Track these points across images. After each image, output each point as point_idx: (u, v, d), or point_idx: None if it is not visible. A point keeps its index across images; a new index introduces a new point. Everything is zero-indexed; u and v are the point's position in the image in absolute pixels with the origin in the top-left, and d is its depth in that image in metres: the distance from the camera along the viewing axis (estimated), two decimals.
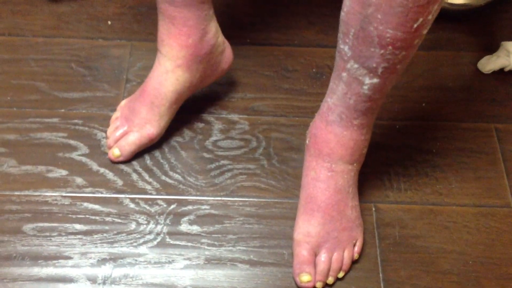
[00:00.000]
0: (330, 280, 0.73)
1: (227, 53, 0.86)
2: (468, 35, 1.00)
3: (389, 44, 0.59)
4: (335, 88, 0.68)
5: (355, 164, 0.74)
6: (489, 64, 0.93)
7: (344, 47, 0.63)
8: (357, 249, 0.75)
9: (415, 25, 0.57)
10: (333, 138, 0.71)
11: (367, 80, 0.64)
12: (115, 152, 0.82)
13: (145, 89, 0.81)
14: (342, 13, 0.62)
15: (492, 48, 0.97)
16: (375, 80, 0.64)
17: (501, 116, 0.89)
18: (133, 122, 0.81)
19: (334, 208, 0.73)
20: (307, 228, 0.72)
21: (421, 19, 0.57)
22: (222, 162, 0.84)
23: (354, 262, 0.75)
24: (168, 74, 0.80)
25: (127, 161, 0.82)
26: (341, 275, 0.74)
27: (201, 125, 0.87)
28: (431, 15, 0.57)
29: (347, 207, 0.74)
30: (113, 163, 0.83)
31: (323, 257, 0.72)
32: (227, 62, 0.87)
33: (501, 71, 0.94)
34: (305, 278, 0.72)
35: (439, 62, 0.96)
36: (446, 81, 0.93)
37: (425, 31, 0.59)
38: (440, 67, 0.95)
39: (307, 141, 0.75)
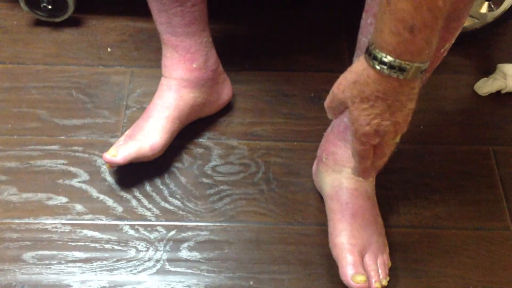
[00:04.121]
0: (385, 282, 0.71)
1: (228, 86, 0.89)
2: (464, 58, 1.00)
3: None
4: None
5: (374, 176, 0.76)
6: (486, 86, 0.94)
7: None
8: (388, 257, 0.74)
9: (442, 50, 0.60)
10: None
11: None
12: (111, 151, 0.78)
13: (148, 107, 0.83)
14: (365, 39, 0.63)
15: (488, 70, 0.98)
16: None
17: (499, 139, 0.90)
18: (135, 136, 0.80)
19: (371, 213, 0.74)
20: (351, 232, 0.71)
21: (447, 44, 0.60)
22: (221, 187, 0.84)
23: None
24: (172, 91, 0.82)
25: (123, 165, 0.78)
26: (388, 279, 0.72)
27: (200, 150, 0.87)
28: (454, 38, 0.60)
29: (377, 215, 0.75)
30: (110, 168, 0.80)
31: (371, 259, 0.71)
32: (228, 94, 0.89)
33: (498, 93, 0.95)
34: (361, 278, 0.68)
35: (437, 85, 0.96)
36: (444, 104, 0.94)
37: (446, 53, 0.62)
38: (438, 90, 0.96)
39: (323, 159, 0.77)
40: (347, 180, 0.75)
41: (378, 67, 0.51)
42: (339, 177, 0.75)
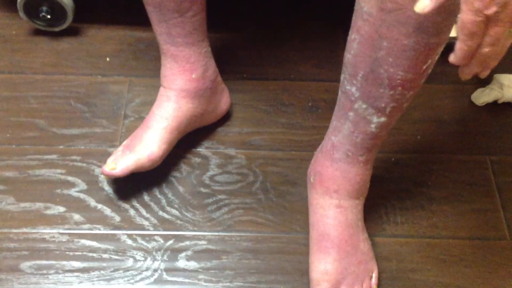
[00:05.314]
0: None
1: (226, 96, 0.90)
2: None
3: (399, 85, 0.60)
4: (340, 126, 0.69)
5: (361, 198, 0.75)
6: (483, 96, 0.95)
7: (351, 88, 0.63)
8: (374, 281, 0.74)
9: (424, 66, 0.58)
10: (339, 175, 0.72)
11: (375, 119, 0.65)
12: (109, 165, 0.78)
13: (147, 117, 0.83)
14: (349, 55, 0.62)
15: (485, 80, 0.98)
16: (383, 119, 0.65)
17: (496, 148, 0.90)
18: (134, 147, 0.81)
19: (348, 243, 0.73)
20: (324, 266, 0.72)
21: (430, 61, 0.58)
22: (219, 196, 0.84)
23: None
24: (171, 102, 0.82)
25: (122, 178, 0.79)
26: None
27: (198, 160, 0.88)
28: (437, 55, 0.59)
29: (359, 240, 0.74)
30: (108, 179, 0.81)
31: None
32: (226, 104, 0.89)
33: (494, 103, 0.95)
34: None
35: (434, 95, 0.97)
36: (441, 114, 0.94)
37: (430, 71, 0.61)
38: (435, 100, 0.96)
39: (311, 179, 0.76)
40: (329, 207, 0.74)
41: None
42: (322, 203, 0.74)
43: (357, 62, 0.60)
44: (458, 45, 0.48)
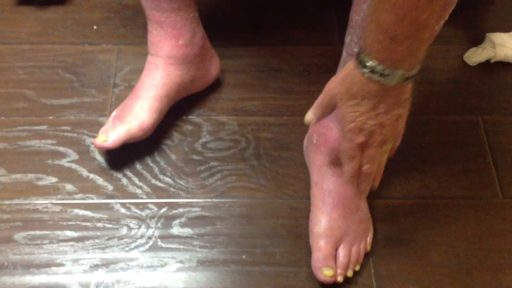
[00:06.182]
0: (350, 273, 0.73)
1: (216, 62, 0.88)
2: (454, 28, 1.00)
3: None
4: None
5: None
6: (475, 56, 0.94)
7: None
8: (369, 240, 0.75)
9: (436, 27, 0.60)
10: None
11: None
12: (101, 137, 0.78)
13: (136, 86, 0.82)
14: (357, 18, 0.62)
15: (477, 40, 0.97)
16: None
17: (488, 108, 0.90)
18: (124, 118, 0.80)
19: (353, 201, 0.74)
20: (328, 222, 0.73)
21: (442, 21, 0.61)
22: (212, 163, 0.84)
23: None
24: (159, 70, 0.81)
25: (114, 149, 0.78)
26: (357, 268, 0.74)
27: (189, 127, 0.87)
28: (448, 14, 0.61)
29: (361, 200, 0.75)
30: (100, 151, 0.82)
31: (344, 250, 0.72)
32: (216, 70, 0.88)
33: (487, 63, 0.94)
34: (329, 272, 0.71)
35: (426, 56, 0.96)
36: (433, 75, 0.94)
37: (439, 30, 0.63)
38: (427, 61, 0.94)
39: (313, 140, 0.76)
40: (335, 166, 0.74)
41: (361, 70, 0.55)
42: (328, 162, 0.75)
43: None
44: (344, 166, 0.64)
